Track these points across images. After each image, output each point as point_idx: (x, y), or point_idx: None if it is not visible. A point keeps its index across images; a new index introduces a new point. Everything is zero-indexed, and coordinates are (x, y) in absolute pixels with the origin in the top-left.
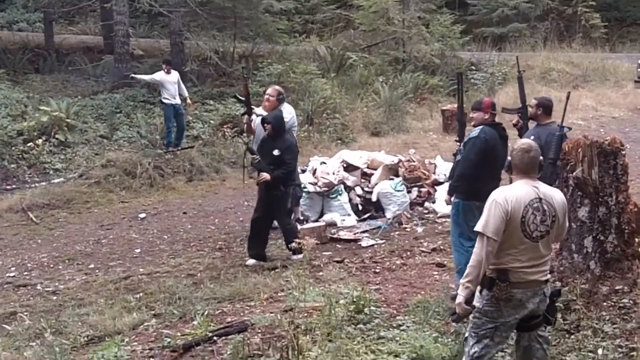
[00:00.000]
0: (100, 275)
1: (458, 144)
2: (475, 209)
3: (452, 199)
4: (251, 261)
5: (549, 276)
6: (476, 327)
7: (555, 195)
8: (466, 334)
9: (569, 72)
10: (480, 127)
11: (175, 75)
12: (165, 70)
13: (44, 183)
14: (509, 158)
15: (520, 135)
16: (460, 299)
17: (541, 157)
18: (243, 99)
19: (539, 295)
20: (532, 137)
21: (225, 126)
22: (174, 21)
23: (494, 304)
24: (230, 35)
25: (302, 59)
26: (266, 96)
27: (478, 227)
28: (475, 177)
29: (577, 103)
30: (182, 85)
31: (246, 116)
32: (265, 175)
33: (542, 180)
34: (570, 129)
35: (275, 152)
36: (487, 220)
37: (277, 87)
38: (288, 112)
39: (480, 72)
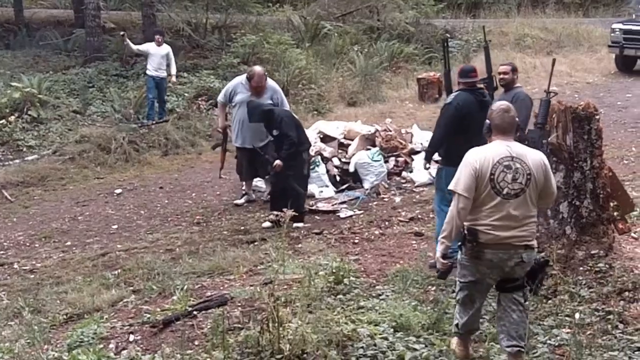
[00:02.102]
0: (78, 252)
1: None
2: (454, 174)
3: (437, 165)
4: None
5: (530, 243)
6: (461, 277)
7: (531, 155)
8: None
9: (543, 38)
10: (456, 93)
11: (165, 48)
12: (156, 41)
13: (17, 160)
14: (487, 121)
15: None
16: (438, 254)
17: (517, 120)
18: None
19: (514, 259)
20: None
21: (200, 99)
22: None
23: (468, 260)
24: (202, 6)
25: (276, 29)
26: (257, 85)
27: (451, 186)
28: (451, 143)
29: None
30: (173, 61)
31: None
32: (278, 163)
33: (531, 145)
34: (556, 93)
35: (275, 132)
36: (459, 178)
37: (257, 69)
38: (272, 89)
39: (455, 40)
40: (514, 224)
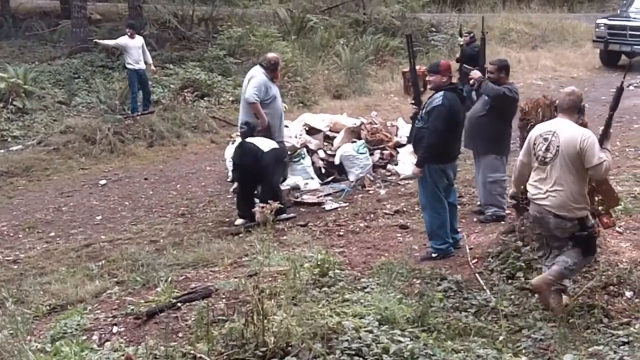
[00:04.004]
0: (61, 243)
1: (414, 107)
2: (441, 171)
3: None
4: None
5: (560, 213)
6: None
7: (568, 133)
8: None
9: (527, 32)
10: (442, 93)
11: (139, 40)
12: (129, 34)
13: (2, 151)
14: (556, 102)
15: (478, 94)
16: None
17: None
18: None
19: (546, 219)
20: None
21: (185, 90)
22: None
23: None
24: None
25: (262, 21)
26: (279, 68)
27: None
28: (442, 143)
29: (536, 63)
30: (147, 51)
31: None
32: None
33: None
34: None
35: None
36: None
37: (275, 55)
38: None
39: (440, 34)
40: (545, 186)
